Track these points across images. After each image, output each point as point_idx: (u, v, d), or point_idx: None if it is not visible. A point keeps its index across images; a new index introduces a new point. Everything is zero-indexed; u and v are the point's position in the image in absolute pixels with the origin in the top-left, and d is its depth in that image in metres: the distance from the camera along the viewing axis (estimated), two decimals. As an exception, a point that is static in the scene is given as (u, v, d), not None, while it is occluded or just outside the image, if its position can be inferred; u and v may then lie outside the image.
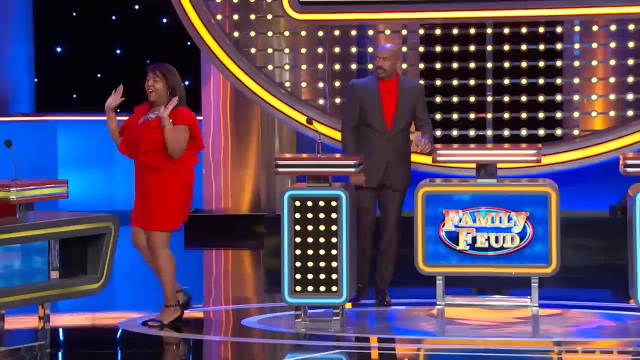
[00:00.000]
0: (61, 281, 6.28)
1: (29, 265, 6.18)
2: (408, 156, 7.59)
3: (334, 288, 6.95)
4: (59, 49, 12.69)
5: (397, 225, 7.57)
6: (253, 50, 10.42)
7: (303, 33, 10.37)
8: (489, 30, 10.23)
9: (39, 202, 6.58)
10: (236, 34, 10.40)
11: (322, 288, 6.95)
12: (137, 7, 12.72)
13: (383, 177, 7.44)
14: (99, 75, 12.72)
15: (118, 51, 12.73)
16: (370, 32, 10.30)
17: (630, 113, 10.14)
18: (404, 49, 10.25)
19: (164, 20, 12.62)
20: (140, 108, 7.03)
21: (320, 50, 10.36)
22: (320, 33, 10.33)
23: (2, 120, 11.63)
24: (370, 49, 10.33)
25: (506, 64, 10.26)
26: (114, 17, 12.73)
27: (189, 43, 11.46)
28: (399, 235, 7.59)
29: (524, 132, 10.21)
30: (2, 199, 6.19)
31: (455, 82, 10.21)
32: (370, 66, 10.39)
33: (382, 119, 7.33)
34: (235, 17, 10.50)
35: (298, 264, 6.97)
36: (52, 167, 11.59)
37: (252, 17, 10.48)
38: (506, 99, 10.28)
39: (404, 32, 10.27)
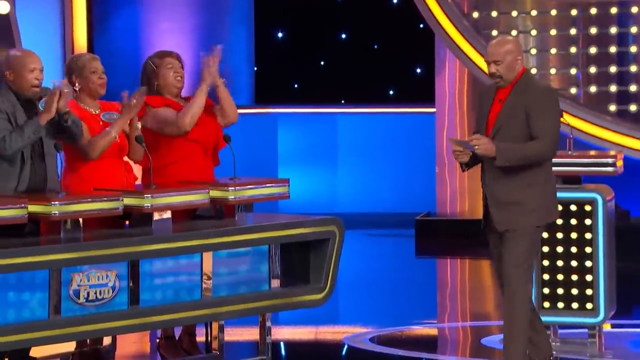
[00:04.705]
0: (282, 290, 6.32)
1: (248, 273, 6.22)
2: (530, 186, 5.97)
3: (588, 305, 6.82)
4: (279, 35, 12.91)
5: (516, 282, 5.84)
6: (494, 33, 10.40)
7: (553, 12, 10.31)
8: None
9: (258, 203, 6.61)
10: (475, 14, 10.44)
11: (575, 305, 6.84)
12: (363, -14, 12.83)
13: (484, 209, 6.21)
14: (322, 63, 12.89)
15: (343, 35, 12.88)
16: (634, 10, 10.12)
17: None
18: (672, 26, 10.05)
19: (394, 0, 12.66)
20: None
21: (573, 31, 10.29)
22: (574, 12, 10.25)
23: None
24: (633, 29, 10.13)
25: None
26: (338, -1, 12.91)
27: (421, 25, 11.47)
28: (522, 293, 5.84)
29: None
30: (221, 199, 6.28)
31: None
32: (633, 49, 10.20)
33: (484, 132, 5.96)
34: (475, -5, 10.59)
35: (546, 276, 6.90)
36: (272, 164, 11.81)
37: (494, -5, 10.57)
38: None
39: (673, 8, 10.14)
